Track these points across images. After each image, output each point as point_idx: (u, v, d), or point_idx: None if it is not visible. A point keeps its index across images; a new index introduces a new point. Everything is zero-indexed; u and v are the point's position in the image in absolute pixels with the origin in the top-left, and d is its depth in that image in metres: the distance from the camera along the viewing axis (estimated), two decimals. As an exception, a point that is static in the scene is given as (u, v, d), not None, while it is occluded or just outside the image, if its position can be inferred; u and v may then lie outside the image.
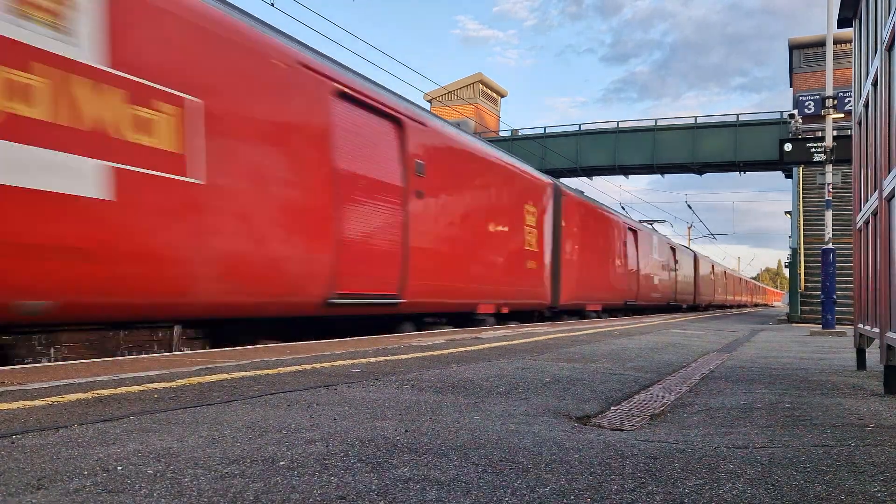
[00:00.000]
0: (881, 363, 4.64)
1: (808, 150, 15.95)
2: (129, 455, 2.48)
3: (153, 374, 4.75)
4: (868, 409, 4.06)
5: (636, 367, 6.43)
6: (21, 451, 2.50)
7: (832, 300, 14.84)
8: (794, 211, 25.73)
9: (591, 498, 2.11)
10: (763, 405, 4.21)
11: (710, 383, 5.36)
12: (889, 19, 4.31)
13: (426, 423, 3.31)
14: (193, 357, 6.30)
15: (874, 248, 4.91)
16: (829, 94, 15.00)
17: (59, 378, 4.34)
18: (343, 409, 3.59)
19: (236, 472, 2.30)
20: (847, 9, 6.42)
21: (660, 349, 8.81)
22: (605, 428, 3.45)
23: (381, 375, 5.09)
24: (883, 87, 4.52)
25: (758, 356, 8.18)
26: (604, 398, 4.44)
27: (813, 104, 31.43)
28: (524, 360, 6.64)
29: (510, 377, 5.25)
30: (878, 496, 2.19)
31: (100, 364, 5.80)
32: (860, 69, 5.96)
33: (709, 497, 2.15)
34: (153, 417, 3.21)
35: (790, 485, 2.31)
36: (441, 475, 2.33)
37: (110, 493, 2.04)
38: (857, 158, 6.11)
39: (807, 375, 5.98)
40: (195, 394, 3.97)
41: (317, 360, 5.92)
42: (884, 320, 4.45)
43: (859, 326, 5.98)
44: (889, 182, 4.26)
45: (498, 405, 3.94)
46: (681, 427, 3.49)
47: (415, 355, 6.68)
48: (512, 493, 2.15)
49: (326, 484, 2.19)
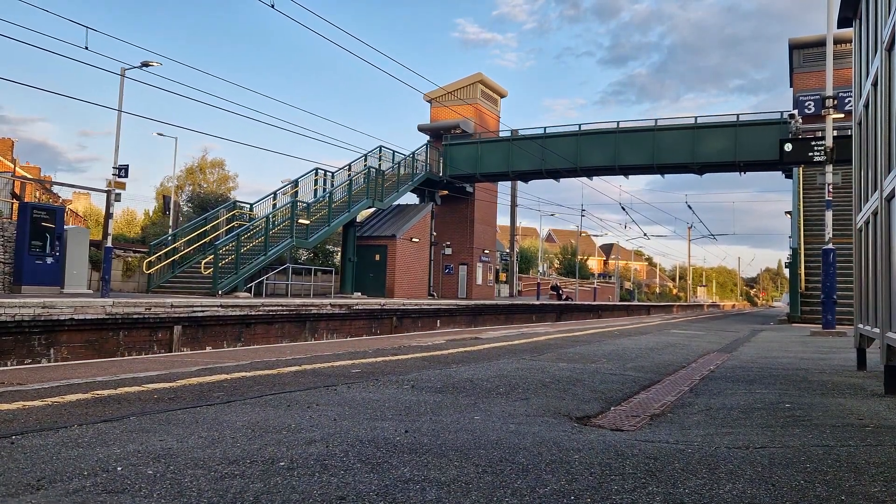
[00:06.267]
0: (881, 363, 4.64)
1: (808, 150, 15.93)
2: (129, 455, 2.48)
3: (153, 374, 4.74)
4: (868, 409, 4.06)
5: (636, 367, 6.43)
6: (21, 451, 2.50)
7: (832, 300, 14.82)
8: (795, 211, 25.71)
9: (592, 498, 2.11)
10: (763, 405, 4.21)
11: (711, 383, 5.35)
12: (889, 19, 4.31)
13: (426, 423, 3.31)
14: (193, 358, 6.31)
15: (874, 247, 4.90)
16: (830, 94, 14.98)
17: (59, 378, 4.34)
18: (343, 410, 3.58)
19: (236, 472, 2.30)
20: (847, 8, 6.41)
21: (660, 349, 8.80)
22: (605, 428, 3.45)
23: (381, 375, 5.08)
24: (883, 88, 4.51)
25: (758, 356, 8.17)
26: (604, 398, 4.43)
27: (813, 104, 31.39)
28: (524, 360, 6.64)
29: (510, 377, 5.25)
30: (879, 496, 2.19)
31: (100, 365, 5.81)
32: (860, 69, 5.95)
33: (709, 497, 2.14)
34: (153, 418, 3.21)
35: (790, 485, 2.31)
36: (441, 475, 2.33)
37: (110, 493, 2.04)
38: (857, 158, 6.10)
39: (807, 375, 5.97)
40: (195, 394, 3.97)
41: (317, 361, 5.91)
42: (884, 320, 4.45)
43: (859, 326, 5.97)
44: (889, 182, 4.25)
45: (498, 405, 3.94)
46: (681, 427, 3.49)
47: (414, 355, 6.67)
48: (512, 493, 2.14)
49: (326, 484, 2.18)
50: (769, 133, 28.20)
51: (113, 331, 12.46)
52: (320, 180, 29.50)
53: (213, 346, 14.26)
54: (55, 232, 16.67)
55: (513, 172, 33.63)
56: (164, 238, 23.63)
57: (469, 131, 35.12)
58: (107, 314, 12.14)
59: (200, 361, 5.78)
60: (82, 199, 42.63)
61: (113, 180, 18.55)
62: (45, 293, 15.33)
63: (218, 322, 14.74)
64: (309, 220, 24.85)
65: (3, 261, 16.57)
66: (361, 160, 31.03)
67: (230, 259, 21.78)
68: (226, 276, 21.23)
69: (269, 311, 16.09)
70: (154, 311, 13.07)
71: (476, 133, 35.31)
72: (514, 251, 46.80)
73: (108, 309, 12.19)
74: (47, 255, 16.46)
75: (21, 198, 20.79)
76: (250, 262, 22.29)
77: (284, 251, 24.32)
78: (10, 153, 36.96)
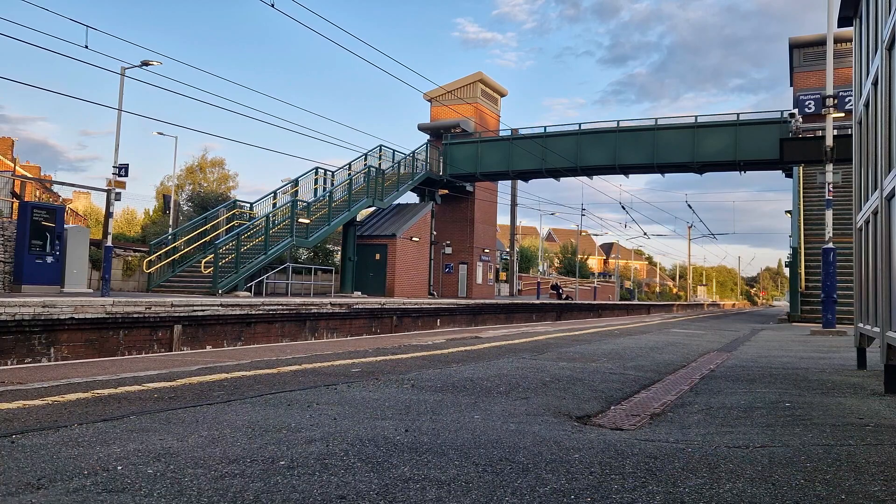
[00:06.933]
0: (881, 362, 4.64)
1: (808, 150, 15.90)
2: (129, 455, 2.48)
3: (153, 374, 4.75)
4: (868, 408, 4.06)
5: (636, 366, 6.43)
6: (21, 451, 2.50)
7: (832, 299, 14.81)
8: (795, 210, 25.71)
9: (592, 497, 2.11)
10: (763, 405, 4.21)
11: (711, 383, 5.35)
12: (889, 19, 4.31)
13: (426, 422, 3.31)
14: (193, 357, 6.31)
15: (874, 247, 4.90)
16: (830, 94, 14.97)
17: (60, 377, 4.34)
18: (343, 409, 3.58)
19: (236, 471, 2.30)
20: (847, 8, 6.41)
21: (660, 348, 8.80)
22: (605, 427, 3.45)
23: (381, 375, 5.08)
24: (883, 87, 4.51)
25: (758, 355, 8.17)
26: (604, 398, 4.43)
27: (813, 103, 31.39)
28: (524, 359, 6.64)
29: (510, 376, 5.25)
30: (879, 495, 2.19)
31: (100, 364, 5.81)
32: (860, 69, 5.95)
33: (709, 496, 2.14)
34: (153, 417, 3.21)
35: (791, 484, 2.31)
36: (441, 475, 2.33)
37: (110, 492, 2.04)
38: (858, 158, 6.10)
39: (807, 375, 5.97)
40: (195, 394, 3.97)
41: (317, 360, 5.92)
42: (884, 319, 4.45)
43: (860, 326, 5.97)
44: (889, 181, 4.25)
45: (498, 405, 3.94)
46: (681, 426, 3.49)
47: (414, 355, 6.67)
48: (512, 492, 2.14)
49: (326, 483, 2.19)
50: (769, 132, 28.17)
51: (113, 330, 12.46)
52: (320, 179, 29.49)
53: (214, 346, 14.26)
54: (55, 231, 16.67)
55: (513, 172, 33.61)
56: (164, 237, 23.62)
57: (469, 130, 35.09)
58: (107, 313, 12.14)
59: (200, 360, 5.79)
60: (82, 198, 42.65)
61: (113, 179, 18.54)
62: (46, 292, 15.33)
63: (218, 321, 14.74)
64: (309, 219, 24.84)
65: (3, 260, 16.57)
66: (361, 159, 31.03)
67: (230, 258, 21.77)
68: (226, 275, 21.23)
69: (270, 311, 16.09)
70: (154, 311, 13.07)
71: (476, 132, 35.29)
72: (514, 250, 46.80)
73: (109, 308, 12.19)
74: (47, 255, 16.46)
75: (21, 197, 20.79)
76: (250, 262, 22.29)
77: (284, 250, 24.32)
78: (11, 152, 36.98)
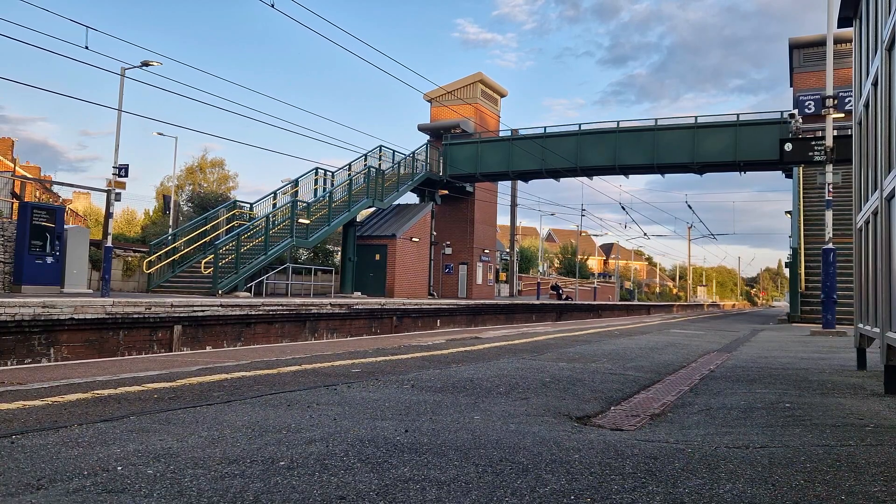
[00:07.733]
0: (881, 363, 4.64)
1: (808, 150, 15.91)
2: (129, 455, 2.48)
3: (153, 374, 4.75)
4: (868, 408, 4.06)
5: (636, 367, 6.43)
6: (21, 451, 2.50)
7: (832, 300, 14.81)
8: (795, 211, 25.71)
9: (592, 498, 2.11)
10: (763, 405, 4.21)
11: (711, 383, 5.35)
12: (889, 19, 4.31)
13: (426, 422, 3.31)
14: (193, 357, 6.31)
15: (874, 247, 4.90)
16: (830, 94, 14.97)
17: (59, 378, 4.34)
18: (343, 409, 3.58)
19: (236, 472, 2.30)
20: (847, 8, 6.41)
21: (660, 349, 8.80)
22: (605, 428, 3.45)
23: (381, 375, 5.08)
24: (883, 87, 4.51)
25: (758, 356, 8.17)
26: (604, 398, 4.43)
27: (813, 104, 31.40)
28: (524, 359, 6.64)
29: (510, 377, 5.25)
30: (879, 496, 2.19)
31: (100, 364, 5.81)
32: (860, 69, 5.95)
33: (709, 497, 2.14)
34: (153, 417, 3.21)
35: (790, 485, 2.31)
36: (441, 475, 2.33)
37: (110, 493, 2.04)
38: (858, 158, 6.10)
39: (807, 375, 5.97)
40: (195, 394, 3.97)
41: (317, 360, 5.92)
42: (884, 320, 4.44)
43: (860, 326, 5.97)
44: (889, 182, 4.25)
45: (498, 405, 3.94)
46: (681, 427, 3.49)
47: (414, 355, 6.67)
48: (512, 493, 2.14)
49: (326, 484, 2.19)
50: (769, 133, 28.18)
51: (113, 330, 12.46)
52: (320, 180, 29.50)
53: (213, 346, 14.26)
54: (55, 231, 16.67)
55: (513, 172, 33.61)
56: (164, 237, 23.62)
57: (469, 131, 35.09)
58: (107, 314, 12.13)
59: (200, 361, 5.78)
60: (82, 198, 42.65)
61: (113, 180, 18.54)
62: (45, 293, 15.33)
63: (218, 322, 14.74)
64: (309, 219, 24.84)
65: (3, 260, 16.57)
66: (361, 160, 31.03)
67: (230, 258, 21.77)
68: (226, 275, 21.23)
69: (269, 311, 16.09)
70: (154, 311, 13.07)
71: (476, 133, 35.30)
72: (514, 251, 46.80)
73: (108, 308, 12.18)
74: (47, 255, 16.46)
75: (21, 197, 20.78)
76: (250, 262, 22.29)
77: (284, 251, 24.32)
78: (11, 152, 36.97)
